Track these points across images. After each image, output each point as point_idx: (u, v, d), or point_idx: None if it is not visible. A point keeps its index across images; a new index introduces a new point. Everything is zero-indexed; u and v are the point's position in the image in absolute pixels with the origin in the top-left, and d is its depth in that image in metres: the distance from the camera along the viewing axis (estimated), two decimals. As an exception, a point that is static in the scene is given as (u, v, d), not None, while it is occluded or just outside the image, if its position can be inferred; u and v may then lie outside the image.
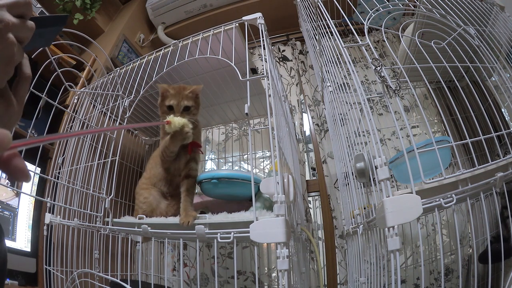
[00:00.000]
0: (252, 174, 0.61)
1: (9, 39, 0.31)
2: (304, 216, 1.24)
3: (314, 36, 1.05)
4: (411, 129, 0.75)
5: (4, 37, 0.31)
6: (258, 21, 0.82)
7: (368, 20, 0.65)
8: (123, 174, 1.38)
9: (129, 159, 1.45)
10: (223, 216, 0.65)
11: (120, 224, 0.81)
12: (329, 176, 1.37)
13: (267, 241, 0.54)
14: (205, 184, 0.77)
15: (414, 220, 0.47)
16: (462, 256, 1.09)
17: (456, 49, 0.67)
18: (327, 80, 1.02)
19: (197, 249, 1.24)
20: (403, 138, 0.56)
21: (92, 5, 1.60)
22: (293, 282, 0.76)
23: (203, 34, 0.93)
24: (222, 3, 1.75)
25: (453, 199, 0.51)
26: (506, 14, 0.93)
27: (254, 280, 1.24)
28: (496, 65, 0.72)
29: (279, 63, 1.71)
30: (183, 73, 1.15)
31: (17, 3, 0.32)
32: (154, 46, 1.81)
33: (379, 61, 0.59)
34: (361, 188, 0.85)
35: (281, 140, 0.71)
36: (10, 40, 0.31)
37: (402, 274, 1.13)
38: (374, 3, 0.71)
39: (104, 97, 1.13)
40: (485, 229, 0.88)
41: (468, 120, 0.82)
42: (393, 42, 1.57)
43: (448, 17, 0.73)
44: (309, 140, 1.54)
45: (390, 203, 0.48)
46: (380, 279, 0.67)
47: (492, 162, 0.56)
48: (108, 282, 0.87)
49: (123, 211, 1.31)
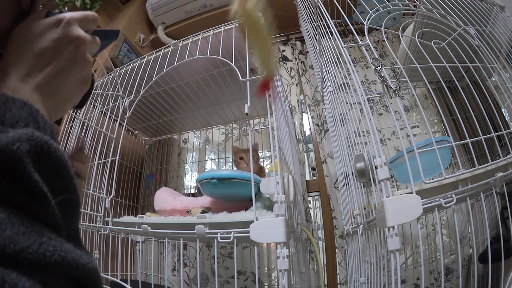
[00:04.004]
0: (252, 174, 0.61)
1: (88, 57, 0.31)
2: (304, 216, 1.24)
3: (314, 36, 1.05)
4: (411, 129, 0.75)
5: (85, 56, 0.31)
6: (258, 21, 0.82)
7: (368, 20, 0.65)
8: (123, 174, 1.38)
9: (129, 159, 1.45)
10: (223, 216, 0.65)
11: (120, 224, 0.81)
12: (329, 176, 1.37)
13: (267, 241, 0.54)
14: (205, 184, 0.77)
15: (414, 220, 0.47)
16: (462, 256, 1.09)
17: (456, 49, 0.67)
18: (327, 80, 1.02)
19: (197, 249, 1.24)
20: (403, 138, 0.56)
21: (92, 5, 1.60)
22: (293, 282, 0.76)
23: (203, 34, 0.93)
24: (222, 3, 1.75)
25: (453, 199, 0.51)
26: (506, 14, 0.93)
27: (254, 280, 1.24)
28: (496, 65, 0.72)
29: (279, 63, 1.71)
30: (183, 73, 1.15)
31: (86, 18, 0.32)
32: (154, 46, 1.81)
33: (379, 61, 0.59)
34: (361, 188, 0.85)
35: (281, 140, 0.71)
36: (88, 59, 0.31)
37: (402, 274, 1.13)
38: (374, 3, 0.71)
39: (104, 97, 1.13)
40: (485, 229, 0.88)
41: (468, 120, 0.82)
42: (393, 42, 1.57)
43: (448, 17, 0.73)
44: (309, 140, 1.54)
45: (390, 203, 0.48)
46: (380, 279, 0.67)
47: (492, 162, 0.56)
48: (108, 282, 0.87)
49: (123, 211, 1.31)
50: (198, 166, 1.60)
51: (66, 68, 0.29)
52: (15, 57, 0.27)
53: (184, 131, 1.64)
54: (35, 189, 0.19)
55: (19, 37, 0.28)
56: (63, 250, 0.18)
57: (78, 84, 0.31)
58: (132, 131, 1.53)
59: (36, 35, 0.28)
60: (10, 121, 0.21)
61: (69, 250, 0.19)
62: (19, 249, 0.17)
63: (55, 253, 0.18)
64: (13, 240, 0.17)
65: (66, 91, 0.30)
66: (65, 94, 0.30)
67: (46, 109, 0.27)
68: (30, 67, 0.27)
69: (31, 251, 0.17)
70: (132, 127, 1.50)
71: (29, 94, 0.26)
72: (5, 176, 0.18)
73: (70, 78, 0.30)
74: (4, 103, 0.22)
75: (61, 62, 0.29)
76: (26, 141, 0.19)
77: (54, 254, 0.18)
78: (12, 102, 0.22)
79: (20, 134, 0.19)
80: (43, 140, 0.20)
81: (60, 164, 0.22)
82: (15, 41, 0.28)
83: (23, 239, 0.17)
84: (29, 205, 0.19)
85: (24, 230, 0.17)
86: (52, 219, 0.20)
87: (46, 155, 0.21)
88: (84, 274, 0.19)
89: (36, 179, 0.19)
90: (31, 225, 0.18)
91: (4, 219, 0.17)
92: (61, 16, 0.29)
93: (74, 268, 0.19)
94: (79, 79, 0.31)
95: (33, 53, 0.27)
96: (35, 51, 0.27)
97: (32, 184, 0.19)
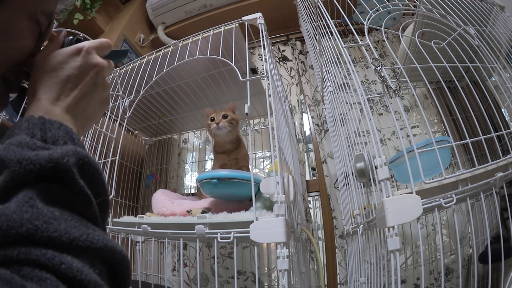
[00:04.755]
0: (252, 174, 0.61)
1: (107, 81, 0.36)
2: (304, 216, 1.24)
3: (314, 36, 1.05)
4: (411, 129, 0.75)
5: (104, 80, 0.36)
6: (258, 21, 0.82)
7: (368, 20, 0.65)
8: (123, 174, 1.38)
9: (129, 159, 1.45)
10: (223, 216, 0.65)
11: (120, 224, 0.81)
12: (329, 176, 1.37)
13: (267, 241, 0.54)
14: (205, 184, 0.77)
15: (414, 220, 0.47)
16: (462, 256, 1.09)
17: (456, 49, 0.67)
18: (327, 80, 1.02)
19: (197, 249, 1.24)
20: (403, 138, 0.56)
21: (92, 5, 1.60)
22: (293, 282, 0.76)
23: (203, 34, 0.93)
24: (222, 3, 1.75)
25: (453, 199, 0.51)
26: (506, 14, 0.93)
27: (254, 280, 1.24)
28: (496, 65, 0.72)
29: (279, 63, 1.71)
30: (183, 73, 1.15)
31: (102, 45, 0.37)
32: (154, 46, 1.81)
33: (379, 61, 0.59)
34: (361, 188, 0.85)
35: (281, 140, 0.71)
36: (107, 82, 0.36)
37: (402, 274, 1.13)
38: (374, 3, 0.71)
39: (104, 97, 1.13)
40: (485, 229, 0.88)
41: (468, 120, 0.82)
42: (393, 42, 1.57)
43: (448, 17, 0.73)
44: (309, 140, 1.54)
45: (390, 203, 0.48)
46: (380, 279, 0.67)
47: (492, 162, 0.56)
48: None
49: (123, 211, 1.31)
50: (198, 166, 1.60)
51: (90, 91, 0.34)
52: (43, 83, 0.31)
53: (184, 131, 1.64)
54: (81, 193, 0.24)
55: (45, 65, 0.32)
56: (105, 239, 0.23)
57: (100, 105, 0.36)
58: (132, 131, 1.53)
59: (60, 63, 0.32)
60: (52, 140, 0.26)
61: (109, 239, 0.23)
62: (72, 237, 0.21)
63: (100, 241, 0.22)
64: (67, 231, 0.21)
65: (90, 111, 0.34)
66: (90, 114, 0.34)
67: (76, 128, 0.31)
68: (58, 92, 0.31)
69: (82, 239, 0.21)
70: (132, 127, 1.50)
71: (61, 115, 0.30)
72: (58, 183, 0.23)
73: (93, 100, 0.34)
74: (44, 124, 0.27)
75: (85, 87, 0.33)
76: (72, 155, 0.24)
77: (99, 241, 0.22)
78: (50, 123, 0.27)
79: (67, 150, 0.25)
80: (83, 154, 0.26)
81: (97, 173, 0.27)
82: (41, 69, 0.32)
83: (75, 230, 0.22)
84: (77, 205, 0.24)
85: (75, 224, 0.22)
86: (94, 215, 0.25)
87: (87, 166, 0.26)
88: (119, 258, 0.24)
89: (82, 184, 0.24)
90: (80, 220, 0.23)
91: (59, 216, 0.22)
92: (81, 46, 0.34)
93: (113, 253, 0.23)
94: (101, 100, 0.36)
95: (60, 80, 0.32)
96: (62, 78, 0.32)
97: (79, 189, 0.24)
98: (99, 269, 0.22)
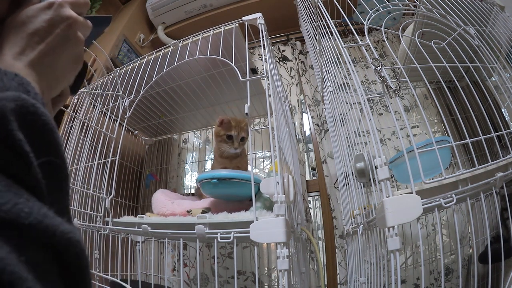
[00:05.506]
0: (252, 174, 0.61)
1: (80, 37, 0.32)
2: (304, 216, 1.24)
3: (314, 36, 1.05)
4: (411, 129, 0.75)
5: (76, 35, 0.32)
6: (258, 21, 0.82)
7: (368, 20, 0.65)
8: (123, 174, 1.38)
9: (129, 159, 1.45)
10: (223, 216, 0.65)
11: (120, 224, 0.81)
12: (329, 176, 1.37)
13: (267, 241, 0.54)
14: (205, 184, 0.77)
15: (414, 220, 0.47)
16: (462, 256, 1.09)
17: (456, 49, 0.67)
18: (327, 80, 1.02)
19: (197, 249, 1.24)
20: (403, 138, 0.56)
21: (92, 5, 1.60)
22: (293, 282, 0.76)
23: (203, 34, 0.93)
24: (222, 3, 1.75)
25: (453, 199, 0.51)
26: (506, 14, 0.93)
27: (254, 280, 1.24)
28: (496, 65, 0.72)
29: (279, 63, 1.71)
30: (183, 73, 1.15)
31: (77, 1, 0.33)
32: (154, 46, 1.81)
33: (379, 61, 0.59)
34: (361, 188, 0.85)
35: (281, 140, 0.71)
36: (80, 37, 0.33)
37: (402, 274, 1.13)
38: (374, 3, 0.71)
39: (104, 97, 1.13)
40: (485, 229, 0.88)
41: (468, 120, 0.82)
42: (393, 42, 1.57)
43: (448, 17, 0.73)
44: (309, 140, 1.54)
45: (390, 203, 0.48)
46: (380, 279, 0.67)
47: (492, 162, 0.56)
48: (108, 282, 0.87)
49: (123, 211, 1.31)
50: (198, 166, 1.60)
51: (58, 46, 0.30)
52: (10, 39, 0.28)
53: (184, 131, 1.64)
54: (16, 148, 0.18)
55: (13, 21, 0.29)
56: (40, 214, 0.17)
57: (71, 63, 0.32)
58: (132, 131, 1.53)
59: (29, 17, 0.29)
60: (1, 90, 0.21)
61: (47, 215, 0.18)
62: None
63: (31, 215, 0.17)
64: None
65: (59, 69, 0.31)
66: (58, 72, 0.31)
67: (39, 85, 0.28)
68: (23, 46, 0.28)
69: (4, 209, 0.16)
70: (132, 127, 1.50)
71: (22, 69, 0.27)
72: None
73: (62, 56, 0.31)
74: None
75: (54, 41, 0.30)
76: (11, 101, 0.19)
77: (29, 216, 0.17)
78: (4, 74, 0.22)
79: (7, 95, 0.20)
80: (29, 102, 0.20)
81: (47, 127, 0.21)
82: (9, 25, 0.29)
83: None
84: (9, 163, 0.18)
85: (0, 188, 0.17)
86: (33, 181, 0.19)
87: (32, 117, 0.20)
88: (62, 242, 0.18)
89: (19, 137, 0.18)
90: (9, 185, 0.17)
91: None
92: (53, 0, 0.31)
93: (50, 235, 0.17)
94: (71, 58, 0.32)
95: (26, 33, 0.29)
96: (29, 31, 0.29)
97: (14, 142, 0.18)
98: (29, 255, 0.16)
